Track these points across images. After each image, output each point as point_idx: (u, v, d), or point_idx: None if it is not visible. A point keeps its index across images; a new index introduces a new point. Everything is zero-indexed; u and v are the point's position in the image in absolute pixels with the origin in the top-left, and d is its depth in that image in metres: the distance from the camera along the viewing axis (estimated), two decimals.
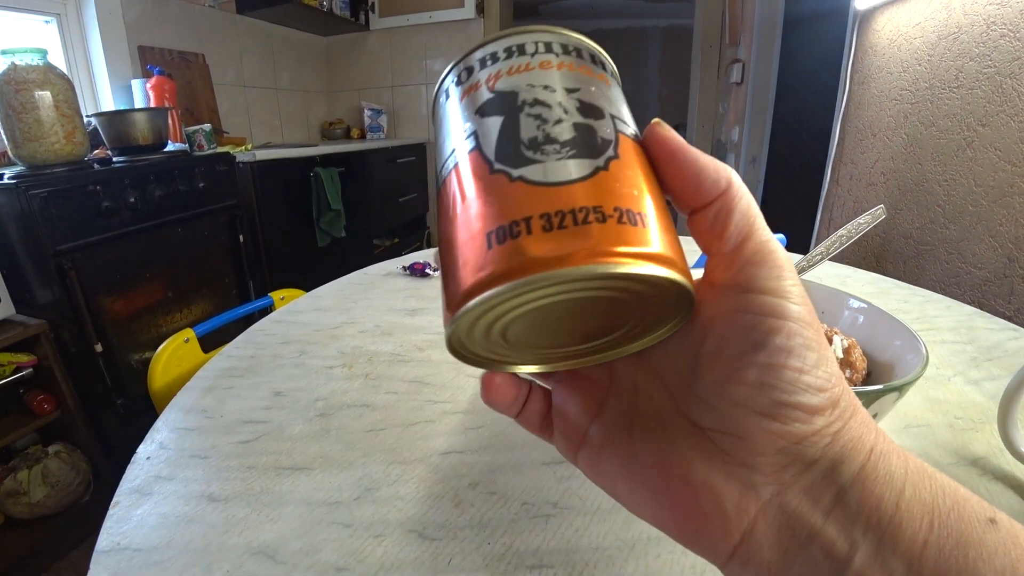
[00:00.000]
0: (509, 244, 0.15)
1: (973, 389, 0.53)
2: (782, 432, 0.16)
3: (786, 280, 0.17)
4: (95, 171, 1.38)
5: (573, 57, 0.19)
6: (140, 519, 0.37)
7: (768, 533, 0.16)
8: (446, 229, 0.17)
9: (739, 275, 0.17)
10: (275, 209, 2.06)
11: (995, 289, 1.00)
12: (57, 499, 1.31)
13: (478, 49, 0.19)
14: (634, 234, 0.15)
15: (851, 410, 0.17)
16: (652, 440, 0.19)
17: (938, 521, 0.15)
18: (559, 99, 0.17)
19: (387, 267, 0.94)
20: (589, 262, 0.14)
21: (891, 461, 0.16)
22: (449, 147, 0.18)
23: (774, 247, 0.17)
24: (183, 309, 1.66)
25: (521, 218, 0.15)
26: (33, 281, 1.31)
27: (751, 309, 0.16)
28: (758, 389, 0.16)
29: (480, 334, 0.17)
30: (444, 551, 0.34)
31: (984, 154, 1.04)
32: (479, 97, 0.18)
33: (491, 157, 0.16)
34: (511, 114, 0.17)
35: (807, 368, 0.16)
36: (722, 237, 0.17)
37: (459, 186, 0.17)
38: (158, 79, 1.92)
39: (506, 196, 0.16)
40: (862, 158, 1.53)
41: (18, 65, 1.24)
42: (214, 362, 0.60)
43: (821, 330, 0.17)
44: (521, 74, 0.18)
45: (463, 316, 0.15)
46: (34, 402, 1.30)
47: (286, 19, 2.73)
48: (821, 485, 0.16)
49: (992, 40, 1.01)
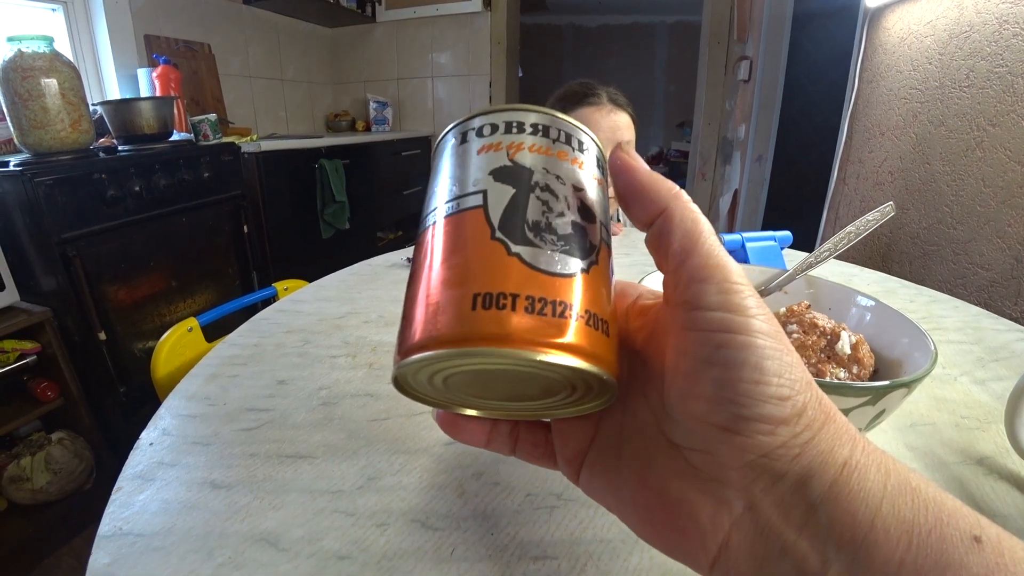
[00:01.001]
0: (494, 312, 0.16)
1: (979, 389, 0.52)
2: (746, 445, 0.16)
3: (735, 294, 0.17)
4: (100, 159, 1.39)
5: (586, 157, 0.20)
6: (142, 505, 0.37)
7: (743, 546, 0.16)
8: (429, 269, 0.18)
9: (686, 292, 0.17)
10: (279, 200, 2.06)
11: (1002, 291, 1.00)
12: (60, 486, 1.31)
13: (508, 112, 0.20)
14: (595, 336, 0.17)
15: (822, 418, 0.16)
16: (635, 457, 0.19)
17: (917, 540, 0.14)
18: (566, 193, 0.18)
19: (391, 258, 0.94)
20: (562, 352, 0.16)
21: (867, 475, 0.15)
22: (453, 191, 0.19)
23: (720, 261, 0.17)
24: (187, 298, 1.66)
25: (509, 292, 0.16)
26: (38, 269, 1.31)
27: (699, 326, 0.17)
28: (716, 404, 0.16)
29: (425, 377, 0.18)
30: (447, 541, 0.34)
31: (994, 154, 1.03)
32: (497, 159, 0.19)
33: (495, 223, 0.17)
34: (522, 190, 0.18)
35: (764, 379, 0.16)
36: (667, 254, 0.18)
37: (456, 236, 0.18)
38: (164, 68, 1.92)
39: (500, 266, 0.17)
40: (870, 157, 1.52)
41: (24, 52, 1.24)
42: (218, 350, 0.60)
43: (783, 337, 0.17)
44: (540, 155, 0.19)
45: (431, 360, 0.16)
46: (37, 389, 1.31)
47: (293, 10, 2.72)
48: (791, 499, 0.16)
49: (1005, 39, 1.00)
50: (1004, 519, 0.36)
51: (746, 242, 0.78)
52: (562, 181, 0.19)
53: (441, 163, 0.21)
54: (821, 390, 0.17)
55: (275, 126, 2.81)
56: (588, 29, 4.99)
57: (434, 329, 0.16)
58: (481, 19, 2.87)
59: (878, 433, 0.45)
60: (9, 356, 1.24)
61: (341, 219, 2.33)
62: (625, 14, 4.86)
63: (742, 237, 0.79)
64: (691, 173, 3.15)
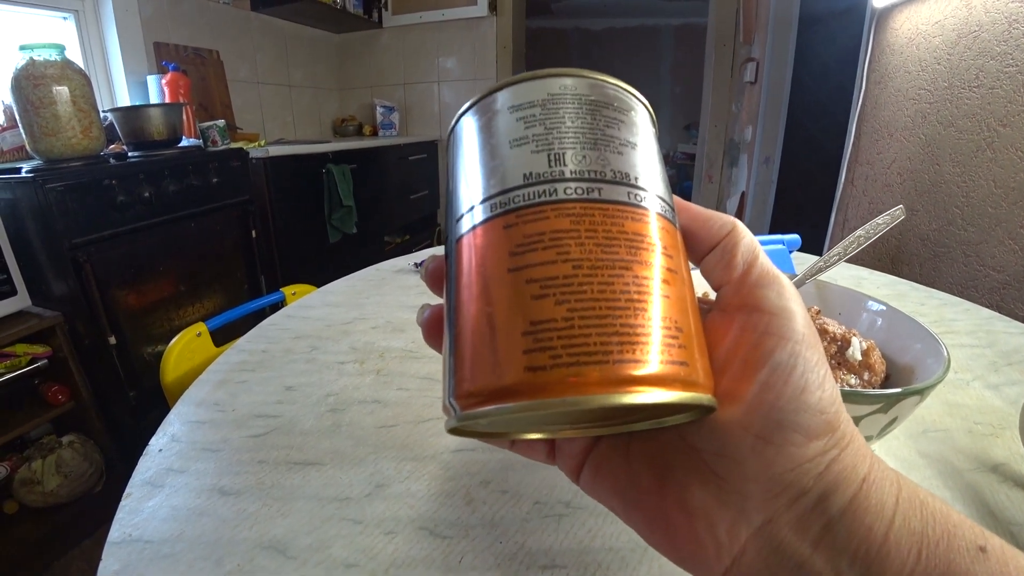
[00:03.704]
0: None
1: (993, 394, 0.52)
2: (776, 457, 0.16)
3: (791, 301, 0.17)
4: (111, 166, 1.40)
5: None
6: (152, 511, 0.37)
7: (757, 560, 0.16)
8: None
9: (748, 297, 0.18)
10: (287, 205, 2.07)
11: (1014, 293, 0.99)
12: (70, 489, 1.32)
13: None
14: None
15: (848, 437, 0.17)
16: (648, 459, 0.19)
17: (926, 551, 0.15)
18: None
19: (398, 263, 0.94)
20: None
21: (883, 489, 0.16)
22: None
23: (778, 272, 0.18)
24: (195, 303, 1.67)
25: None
26: (49, 274, 1.32)
27: (756, 328, 0.17)
28: (756, 408, 0.16)
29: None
30: (455, 549, 0.34)
31: (1004, 154, 1.02)
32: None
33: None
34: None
35: (807, 388, 0.16)
36: (731, 265, 0.19)
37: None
38: (173, 75, 1.94)
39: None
40: (878, 158, 1.51)
41: (36, 60, 1.25)
42: (226, 356, 0.60)
43: (823, 353, 0.17)
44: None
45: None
46: (48, 393, 1.32)
47: (300, 16, 2.74)
48: (811, 515, 0.16)
49: (1015, 38, 0.99)
50: (1020, 527, 0.35)
51: None
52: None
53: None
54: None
55: (283, 131, 2.82)
56: (594, 32, 4.99)
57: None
58: (487, 24, 2.87)
59: (890, 440, 0.45)
60: (21, 360, 1.25)
61: (349, 224, 2.34)
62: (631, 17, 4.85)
63: None
64: (698, 175, 3.13)
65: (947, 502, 0.16)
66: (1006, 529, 0.35)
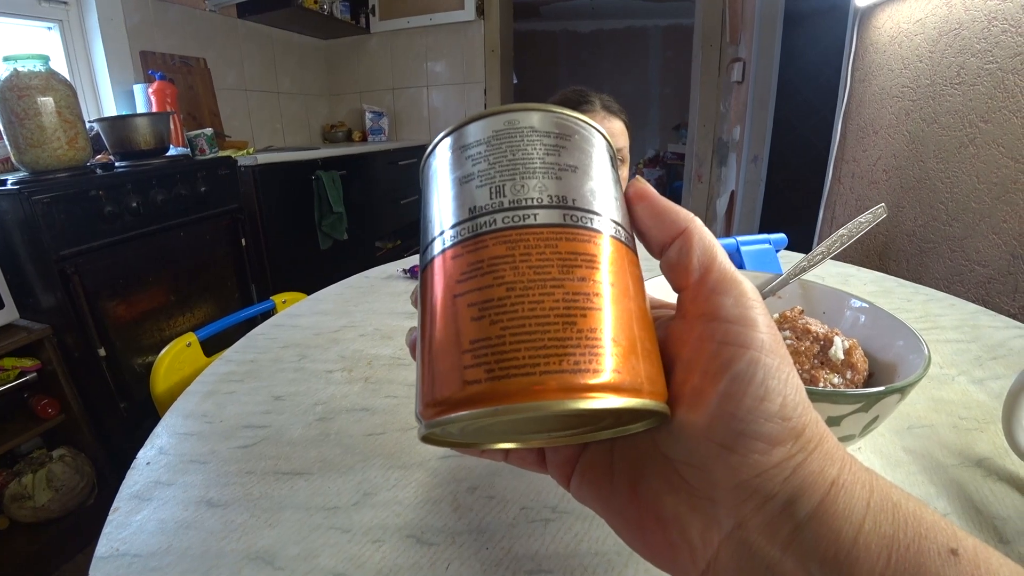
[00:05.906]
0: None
1: (977, 388, 0.52)
2: (740, 465, 0.16)
3: (750, 308, 0.17)
4: (98, 176, 1.39)
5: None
6: (139, 525, 0.37)
7: (731, 563, 0.17)
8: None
9: (705, 305, 0.18)
10: (277, 212, 2.06)
11: (999, 287, 1.00)
12: (61, 503, 1.31)
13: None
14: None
15: (816, 440, 0.17)
16: (627, 468, 0.20)
17: (896, 555, 0.15)
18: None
19: (387, 270, 0.94)
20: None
21: (853, 493, 0.16)
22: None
23: (736, 277, 0.18)
24: (185, 313, 1.66)
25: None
26: (36, 286, 1.31)
27: (715, 336, 0.17)
28: (717, 418, 0.16)
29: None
30: (442, 556, 0.34)
31: (987, 151, 1.03)
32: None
33: None
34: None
35: (768, 397, 0.16)
36: (687, 268, 0.18)
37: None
38: (160, 84, 1.93)
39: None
40: (864, 156, 1.52)
41: (20, 71, 1.24)
42: (214, 367, 0.60)
43: (788, 358, 0.17)
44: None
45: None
46: (38, 406, 1.31)
47: (287, 23, 2.73)
48: (779, 520, 0.16)
49: (994, 36, 1.00)
50: (1004, 521, 0.35)
51: (741, 246, 0.78)
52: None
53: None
54: (816, 412, 0.17)
55: (271, 139, 2.82)
56: (582, 34, 5.01)
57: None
58: (474, 27, 2.88)
59: (875, 437, 0.45)
60: (9, 374, 1.24)
61: (339, 230, 2.33)
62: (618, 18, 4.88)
63: (737, 240, 0.78)
64: (687, 175, 3.15)
65: (927, 501, 0.16)
66: (990, 523, 0.35)
